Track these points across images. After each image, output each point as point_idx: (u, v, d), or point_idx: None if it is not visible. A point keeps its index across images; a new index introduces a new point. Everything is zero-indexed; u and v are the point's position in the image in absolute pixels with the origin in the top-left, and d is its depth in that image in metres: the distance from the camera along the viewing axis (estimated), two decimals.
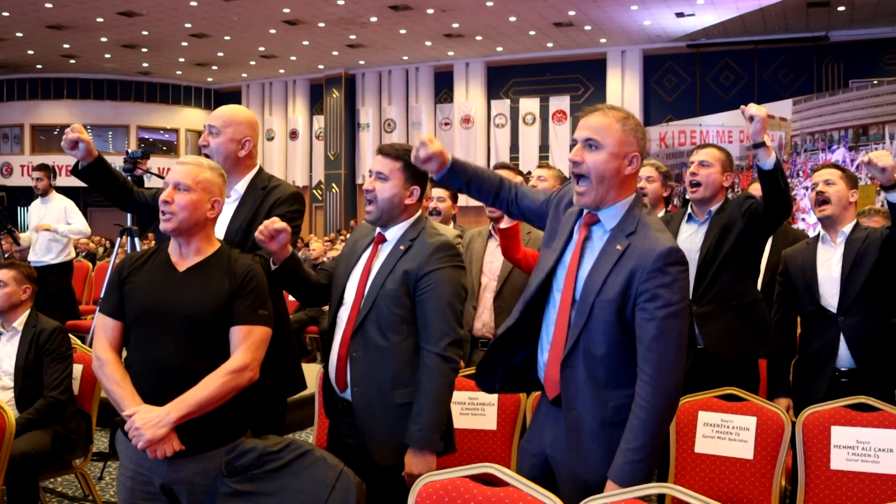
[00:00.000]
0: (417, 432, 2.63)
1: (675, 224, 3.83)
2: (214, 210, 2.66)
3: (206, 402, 2.49)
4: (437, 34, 18.36)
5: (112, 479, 4.82)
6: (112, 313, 2.66)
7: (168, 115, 23.58)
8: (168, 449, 2.47)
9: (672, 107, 19.24)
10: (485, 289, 4.01)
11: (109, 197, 3.40)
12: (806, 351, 3.68)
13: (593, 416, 2.39)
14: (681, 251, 2.38)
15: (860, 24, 16.66)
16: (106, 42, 18.79)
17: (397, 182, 2.76)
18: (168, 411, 2.46)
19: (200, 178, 2.63)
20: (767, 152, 3.33)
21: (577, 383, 2.41)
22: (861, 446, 3.07)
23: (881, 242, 3.49)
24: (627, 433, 2.30)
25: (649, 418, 2.28)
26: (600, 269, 2.39)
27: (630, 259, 2.36)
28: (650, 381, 2.29)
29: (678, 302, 2.32)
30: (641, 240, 2.38)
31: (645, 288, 2.32)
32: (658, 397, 2.29)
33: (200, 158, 2.72)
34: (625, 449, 2.30)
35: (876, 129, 14.24)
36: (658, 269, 2.31)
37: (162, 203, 2.60)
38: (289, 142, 23.22)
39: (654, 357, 2.30)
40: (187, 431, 2.50)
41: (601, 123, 2.43)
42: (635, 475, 2.28)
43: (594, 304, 2.37)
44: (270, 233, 2.74)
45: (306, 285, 2.96)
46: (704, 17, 16.60)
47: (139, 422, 2.45)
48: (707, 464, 3.22)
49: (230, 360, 2.56)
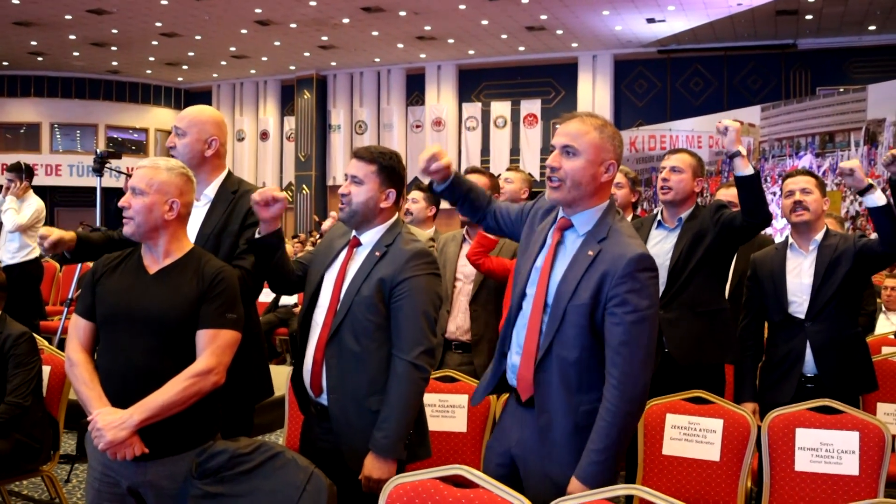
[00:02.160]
0: (382, 439, 2.62)
1: (644, 230, 3.86)
2: (174, 211, 2.62)
3: (169, 406, 2.48)
4: (409, 36, 18.35)
5: (80, 481, 4.77)
6: (84, 314, 2.66)
7: (138, 115, 23.32)
8: (129, 452, 2.46)
9: (642, 112, 19.36)
10: (459, 292, 4.03)
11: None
12: (773, 356, 3.72)
13: (565, 419, 2.42)
14: (650, 257, 2.41)
15: (827, 32, 16.89)
16: (74, 40, 18.57)
17: (372, 186, 2.75)
18: (130, 414, 2.45)
19: (155, 180, 2.61)
20: (743, 162, 3.41)
21: (550, 387, 2.44)
22: (824, 448, 3.12)
23: (855, 251, 3.54)
24: (594, 434, 2.35)
25: (615, 421, 2.33)
26: (572, 275, 2.43)
27: (601, 264, 2.39)
28: (617, 385, 2.33)
29: (647, 308, 2.36)
30: (612, 245, 2.41)
31: (615, 293, 2.35)
32: (624, 401, 2.33)
33: (158, 160, 2.69)
34: (590, 450, 2.34)
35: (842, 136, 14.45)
36: (628, 275, 2.35)
37: (121, 207, 2.61)
38: (259, 143, 23.07)
39: (622, 361, 2.33)
40: (154, 434, 2.49)
41: (579, 130, 2.46)
42: (599, 475, 2.33)
43: (566, 309, 2.41)
44: (266, 199, 2.74)
45: (282, 269, 2.93)
46: (675, 23, 16.74)
47: (101, 423, 2.45)
48: (674, 465, 3.26)
49: (195, 363, 2.55)
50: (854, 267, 3.54)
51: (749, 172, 3.43)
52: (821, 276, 3.59)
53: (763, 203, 3.48)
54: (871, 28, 16.36)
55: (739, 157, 3.41)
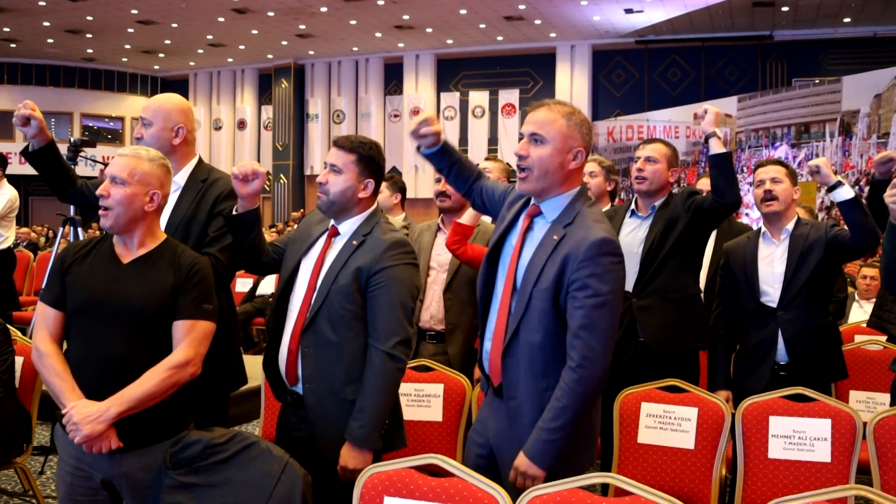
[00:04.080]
0: (359, 429, 2.61)
1: (618, 218, 3.88)
2: (154, 202, 2.60)
3: (148, 398, 2.46)
4: (387, 25, 18.29)
5: (53, 473, 4.73)
6: (53, 303, 2.60)
7: (113, 103, 23.11)
8: (105, 445, 2.43)
9: (620, 102, 19.42)
10: (433, 281, 4.02)
11: (53, 184, 3.34)
12: (746, 345, 3.75)
13: (532, 405, 2.43)
14: (614, 242, 2.42)
15: (803, 24, 17.00)
16: (49, 26, 18.36)
17: (351, 175, 2.73)
18: (108, 406, 2.42)
19: (137, 170, 2.58)
20: (718, 143, 3.51)
21: (517, 372, 2.45)
22: (797, 436, 3.15)
23: (827, 240, 3.57)
24: (547, 412, 2.36)
25: (570, 403, 2.34)
26: (538, 259, 2.44)
27: (564, 248, 2.40)
28: (576, 368, 2.34)
29: (608, 293, 2.36)
30: (577, 229, 2.42)
31: (576, 277, 2.36)
32: (581, 384, 2.34)
33: (140, 149, 2.66)
34: (541, 428, 2.36)
35: (817, 127, 14.58)
36: (589, 259, 2.35)
37: (100, 198, 2.56)
38: (237, 132, 22.92)
39: (581, 345, 2.34)
40: (129, 426, 2.47)
41: (546, 118, 2.47)
42: (547, 454, 2.35)
43: (532, 293, 2.42)
44: (245, 172, 2.73)
45: (257, 248, 2.92)
46: (653, 13, 16.79)
47: (77, 416, 2.41)
48: (649, 454, 3.28)
49: (172, 354, 2.53)
50: (825, 256, 3.57)
51: (722, 151, 3.51)
52: (792, 265, 3.62)
53: (733, 184, 3.54)
54: (846, 20, 16.48)
55: (714, 137, 3.51)
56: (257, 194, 2.81)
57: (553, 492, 2.13)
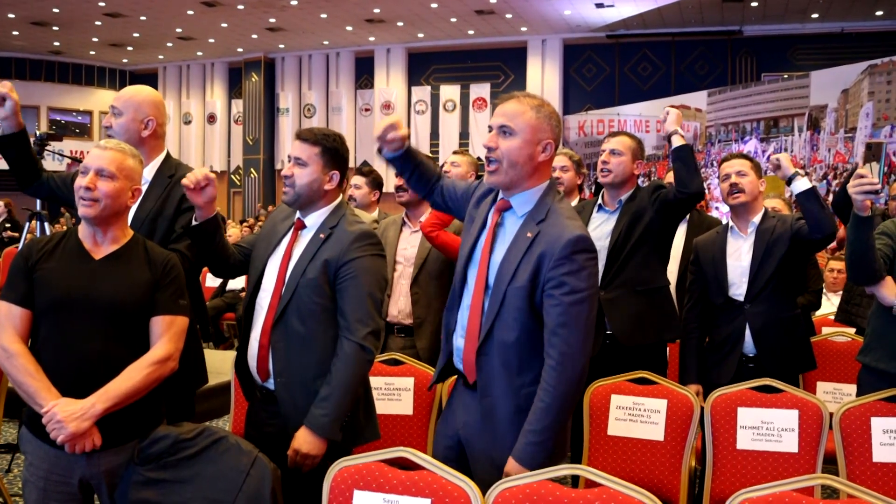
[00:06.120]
0: (321, 417, 2.59)
1: (586, 213, 3.90)
2: (134, 198, 2.60)
3: (131, 393, 2.43)
4: (358, 19, 18.22)
5: (20, 471, 4.68)
6: (19, 301, 2.51)
7: (81, 97, 22.84)
8: (89, 444, 2.39)
9: (591, 96, 19.51)
10: (400, 276, 4.01)
11: (19, 174, 3.25)
12: (715, 338, 3.77)
13: (507, 402, 2.43)
14: (589, 239, 2.41)
15: (772, 19, 17.15)
16: (13, 18, 18.09)
17: (316, 167, 2.72)
18: (92, 403, 2.38)
19: (125, 165, 2.56)
20: (679, 138, 3.65)
21: (492, 370, 2.44)
22: (765, 426, 3.19)
23: (791, 234, 3.60)
24: (531, 415, 2.35)
25: (553, 402, 2.33)
26: (512, 257, 2.43)
27: (538, 246, 2.39)
28: (556, 367, 2.33)
29: (585, 290, 2.36)
30: (551, 227, 2.41)
31: (553, 275, 2.35)
32: (563, 383, 2.33)
33: (123, 144, 2.63)
34: (527, 430, 2.35)
35: (786, 122, 14.75)
36: (566, 257, 2.35)
37: (83, 189, 2.50)
38: (207, 126, 22.76)
39: (560, 343, 2.34)
40: (106, 423, 2.42)
41: (515, 110, 2.46)
42: (536, 456, 2.33)
43: (506, 291, 2.41)
44: (197, 181, 2.69)
45: (221, 254, 2.89)
46: (623, 8, 16.86)
47: (62, 414, 2.34)
48: (619, 445, 3.30)
49: (153, 350, 2.51)
50: (790, 249, 3.60)
51: (682, 143, 3.64)
52: (759, 258, 3.65)
53: (695, 174, 3.61)
54: (814, 16, 16.65)
55: (676, 134, 3.66)
56: (213, 201, 2.76)
57: (523, 484, 2.14)
